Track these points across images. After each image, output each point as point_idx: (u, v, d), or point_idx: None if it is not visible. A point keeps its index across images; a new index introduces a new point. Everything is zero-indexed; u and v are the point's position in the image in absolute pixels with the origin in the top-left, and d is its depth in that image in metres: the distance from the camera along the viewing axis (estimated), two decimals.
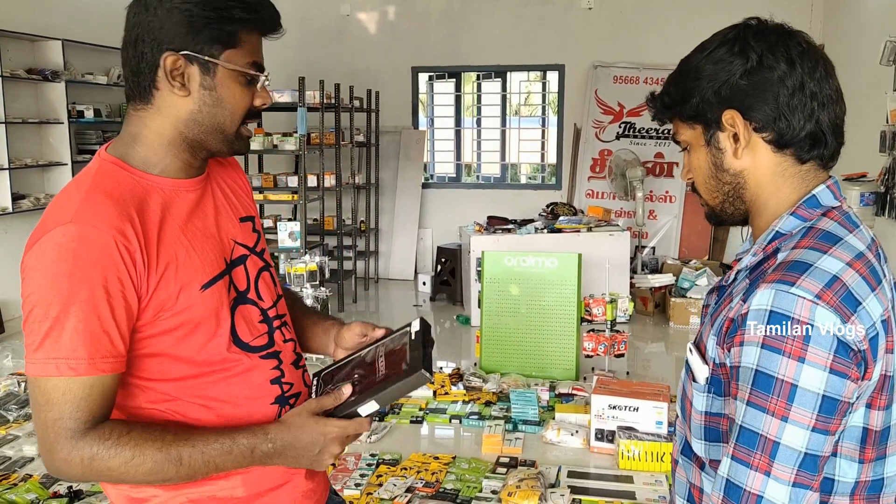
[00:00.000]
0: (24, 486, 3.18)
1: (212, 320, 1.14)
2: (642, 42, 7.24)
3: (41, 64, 5.85)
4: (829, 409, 0.93)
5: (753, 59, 1.02)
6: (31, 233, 1.08)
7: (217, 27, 1.09)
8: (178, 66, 1.10)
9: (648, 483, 3.21)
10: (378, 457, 3.51)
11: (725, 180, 1.09)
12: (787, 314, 0.93)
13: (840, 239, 1.00)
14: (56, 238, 1.03)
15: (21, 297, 1.08)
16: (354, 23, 7.78)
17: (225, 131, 1.15)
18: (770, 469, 0.94)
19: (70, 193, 1.08)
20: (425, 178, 7.93)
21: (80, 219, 1.04)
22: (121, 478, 1.08)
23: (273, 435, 1.13)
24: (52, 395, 1.04)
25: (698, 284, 6.03)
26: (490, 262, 4.82)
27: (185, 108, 1.12)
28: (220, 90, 1.12)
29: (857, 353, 0.94)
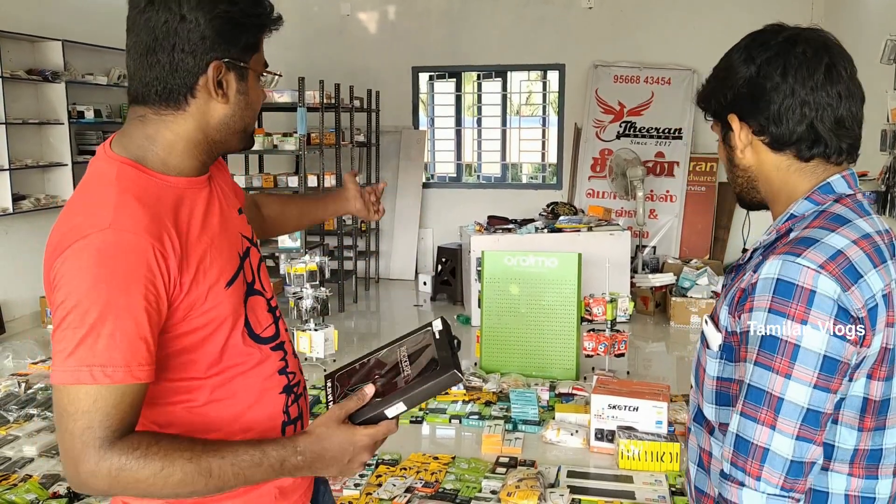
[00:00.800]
0: (24, 487, 3.18)
1: (232, 317, 1.15)
2: (642, 41, 7.24)
3: (41, 64, 5.85)
4: (830, 369, 1.01)
5: (752, 69, 1.12)
6: (58, 234, 1.05)
7: (251, 34, 1.11)
8: (221, 72, 1.10)
9: (648, 483, 3.21)
10: (377, 457, 3.51)
11: (738, 174, 1.21)
12: (792, 281, 1.02)
13: (849, 221, 1.08)
14: (95, 244, 1.01)
15: (51, 304, 1.05)
16: (354, 23, 7.78)
17: (247, 130, 1.18)
18: (775, 423, 1.02)
19: (99, 199, 1.06)
20: (426, 177, 7.93)
21: (118, 225, 1.03)
22: (148, 490, 1.04)
23: (302, 447, 1.11)
24: (82, 404, 1.01)
25: (699, 284, 6.02)
26: (490, 262, 4.82)
27: (221, 113, 1.13)
28: (251, 93, 1.15)
29: (856, 319, 1.02)
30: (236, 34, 1.09)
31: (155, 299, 1.04)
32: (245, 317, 1.18)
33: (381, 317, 6.77)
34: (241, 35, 1.10)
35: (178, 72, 1.08)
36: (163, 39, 1.07)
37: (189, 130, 1.13)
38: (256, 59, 1.15)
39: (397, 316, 6.80)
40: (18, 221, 5.73)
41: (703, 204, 7.24)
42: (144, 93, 1.11)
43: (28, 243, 5.90)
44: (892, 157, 4.97)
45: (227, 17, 1.08)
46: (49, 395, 4.22)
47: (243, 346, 1.18)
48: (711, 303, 5.87)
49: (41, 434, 3.78)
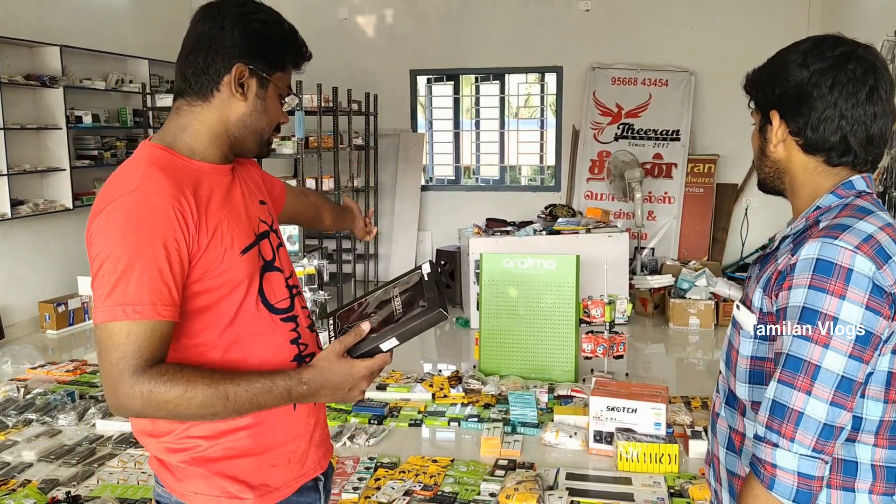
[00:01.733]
0: (23, 492, 3.18)
1: (246, 282, 1.32)
2: (640, 43, 7.25)
3: (39, 70, 5.86)
4: (864, 340, 1.11)
5: (805, 76, 1.21)
6: (96, 202, 1.26)
7: (278, 54, 1.34)
8: (243, 75, 1.31)
9: (647, 485, 3.21)
10: (376, 460, 3.51)
11: (767, 164, 1.31)
12: (831, 261, 1.12)
13: (873, 212, 1.20)
14: (123, 203, 1.21)
15: (90, 258, 1.23)
16: (352, 26, 7.79)
17: (262, 135, 1.38)
18: (811, 389, 1.11)
19: (129, 171, 1.27)
20: (424, 180, 7.94)
21: (143, 187, 1.22)
22: (175, 411, 1.20)
23: (307, 378, 1.27)
24: (118, 338, 1.18)
25: (697, 285, 6.03)
26: (488, 265, 4.82)
27: (240, 110, 1.33)
28: (268, 102, 1.35)
29: (888, 294, 1.12)
30: (262, 48, 1.31)
31: (176, 251, 1.22)
32: (260, 287, 1.35)
33: None
34: (266, 50, 1.32)
35: (209, 69, 1.31)
36: (203, 43, 1.31)
37: (212, 121, 1.33)
38: (279, 78, 1.35)
39: None
40: (17, 227, 5.74)
41: (701, 205, 7.25)
42: (183, 87, 1.33)
43: (27, 248, 5.90)
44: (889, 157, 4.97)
45: (257, 33, 1.31)
46: (47, 401, 4.22)
47: (256, 313, 1.33)
48: (710, 304, 5.87)
49: (40, 439, 3.78)
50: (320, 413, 1.48)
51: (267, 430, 1.35)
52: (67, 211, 6.02)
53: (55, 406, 4.16)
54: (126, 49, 6.76)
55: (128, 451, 3.62)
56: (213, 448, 1.32)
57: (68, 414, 4.02)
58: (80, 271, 6.28)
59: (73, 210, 6.05)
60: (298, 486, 1.41)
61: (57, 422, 3.99)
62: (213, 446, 1.32)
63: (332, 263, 6.53)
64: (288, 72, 1.37)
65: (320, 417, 1.48)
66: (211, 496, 1.33)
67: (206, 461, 1.32)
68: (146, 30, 7.21)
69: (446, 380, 4.49)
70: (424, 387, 4.39)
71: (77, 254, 6.34)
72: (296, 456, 1.40)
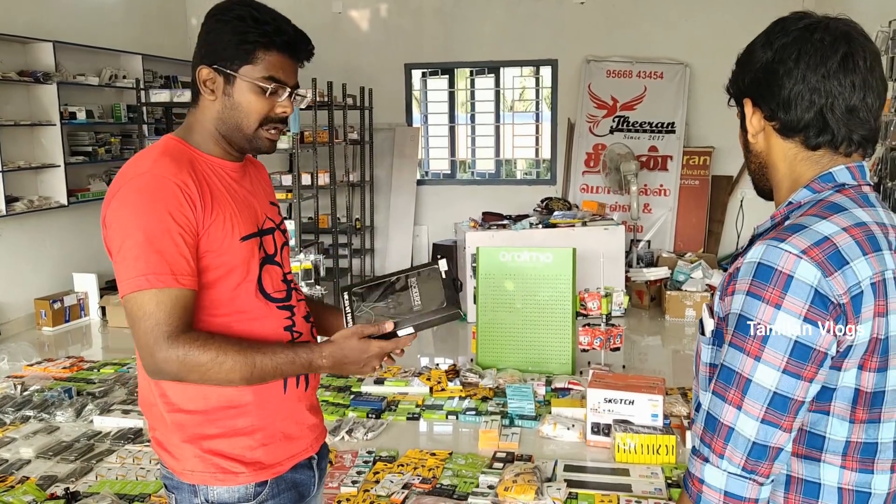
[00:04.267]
0: (22, 489, 3.18)
1: (243, 268, 1.39)
2: (635, 36, 7.24)
3: (33, 66, 5.83)
4: (802, 355, 1.01)
5: (769, 54, 1.12)
6: (110, 187, 1.35)
7: (236, 48, 1.36)
8: (210, 77, 1.38)
9: (644, 475, 3.22)
10: (375, 454, 3.52)
11: (752, 159, 1.21)
12: (771, 265, 1.02)
13: (845, 210, 1.07)
14: (136, 183, 1.30)
15: (109, 239, 1.32)
16: (347, 20, 7.77)
17: (243, 130, 1.40)
18: (742, 404, 1.04)
19: (142, 157, 1.36)
20: (420, 174, 7.93)
21: (154, 170, 1.31)
22: (207, 374, 1.29)
23: (327, 353, 1.37)
24: (148, 307, 1.27)
25: (693, 277, 6.04)
26: (485, 258, 4.82)
27: (215, 108, 1.40)
28: (237, 97, 1.38)
29: (836, 305, 1.01)
30: (220, 47, 1.37)
31: (186, 225, 1.30)
32: (259, 276, 1.42)
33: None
34: (225, 48, 1.36)
35: (193, 77, 1.42)
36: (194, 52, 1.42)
37: (203, 121, 1.42)
38: (249, 70, 1.37)
39: None
40: (11, 223, 5.72)
41: (696, 197, 7.26)
42: (191, 91, 1.45)
43: (22, 245, 5.88)
44: (884, 148, 4.98)
45: (215, 33, 1.37)
46: (44, 398, 4.22)
47: (254, 299, 1.41)
48: (706, 296, 5.88)
49: (38, 436, 3.77)
50: (311, 397, 1.54)
51: (258, 410, 1.41)
52: (62, 207, 6.00)
53: (52, 403, 4.16)
54: (120, 44, 6.73)
55: (126, 448, 3.62)
56: (208, 426, 1.39)
57: (66, 410, 4.02)
58: (76, 268, 6.27)
59: (67, 206, 6.03)
60: (292, 464, 1.47)
61: (54, 418, 3.98)
62: (207, 424, 1.39)
63: (328, 258, 6.53)
64: (263, 62, 1.36)
65: (312, 401, 1.55)
66: (206, 473, 1.40)
67: (200, 438, 1.39)
68: (140, 25, 7.18)
69: (444, 373, 4.50)
70: (422, 380, 4.40)
71: (72, 250, 6.33)
72: (287, 435, 1.46)
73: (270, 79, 1.37)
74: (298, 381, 1.48)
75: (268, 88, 1.37)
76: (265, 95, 1.38)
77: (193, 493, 1.41)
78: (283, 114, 1.41)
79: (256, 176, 1.54)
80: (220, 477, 1.40)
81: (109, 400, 4.21)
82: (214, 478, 1.40)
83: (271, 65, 1.37)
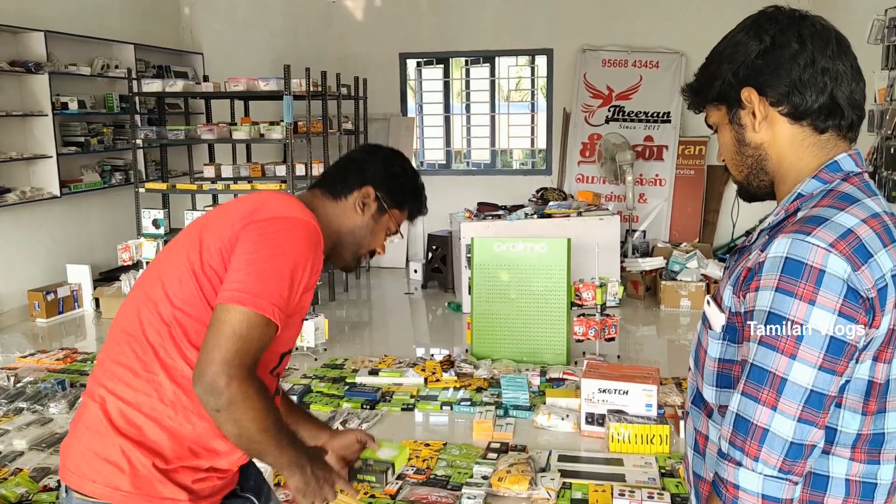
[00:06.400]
0: (14, 481, 3.17)
1: (284, 343, 1.48)
2: (630, 25, 7.21)
3: (24, 56, 5.79)
4: (837, 350, 0.99)
5: (767, 40, 1.10)
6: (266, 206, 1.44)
7: (403, 195, 1.64)
8: (370, 197, 1.59)
9: (638, 465, 3.22)
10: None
11: (748, 153, 1.16)
12: (801, 260, 1.00)
13: (858, 200, 1.06)
14: (304, 225, 1.41)
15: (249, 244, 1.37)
16: (341, 9, 7.72)
17: (358, 250, 1.63)
18: (777, 404, 1.01)
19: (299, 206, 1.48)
20: (415, 165, 7.90)
21: (316, 225, 1.45)
22: (245, 421, 1.30)
23: (312, 462, 1.46)
24: (256, 332, 1.30)
25: (689, 267, 6.04)
26: (480, 249, 4.81)
27: (353, 220, 1.59)
28: (378, 226, 1.61)
29: (865, 300, 1.00)
30: (393, 185, 1.62)
31: (307, 288, 1.40)
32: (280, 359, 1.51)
33: (371, 305, 6.76)
34: (395, 188, 1.62)
35: (348, 180, 1.60)
36: (353, 163, 1.64)
37: (332, 216, 1.58)
38: (395, 214, 1.63)
39: (388, 304, 6.80)
40: (4, 215, 5.68)
41: (692, 187, 7.25)
42: (324, 181, 1.64)
43: (14, 237, 5.85)
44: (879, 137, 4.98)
45: (395, 173, 1.64)
46: (38, 389, 4.20)
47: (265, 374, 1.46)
48: (701, 286, 5.89)
49: (31, 427, 3.76)
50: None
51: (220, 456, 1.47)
52: (55, 198, 5.97)
53: (46, 394, 4.14)
54: (111, 34, 6.68)
55: None
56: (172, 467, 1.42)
57: (59, 402, 4.01)
58: (69, 259, 6.24)
59: (60, 197, 6.00)
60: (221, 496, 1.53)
61: (48, 410, 3.97)
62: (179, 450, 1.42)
63: None
64: (404, 213, 1.65)
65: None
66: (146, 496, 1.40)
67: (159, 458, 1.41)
68: (131, 14, 7.13)
69: (438, 364, 4.49)
70: (417, 371, 4.40)
71: (65, 241, 6.30)
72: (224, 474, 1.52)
73: (397, 227, 1.66)
74: None
75: (392, 234, 1.66)
76: (385, 236, 1.65)
77: None
78: (381, 252, 1.67)
79: None
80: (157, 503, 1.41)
81: None
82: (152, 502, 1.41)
83: (402, 219, 1.67)
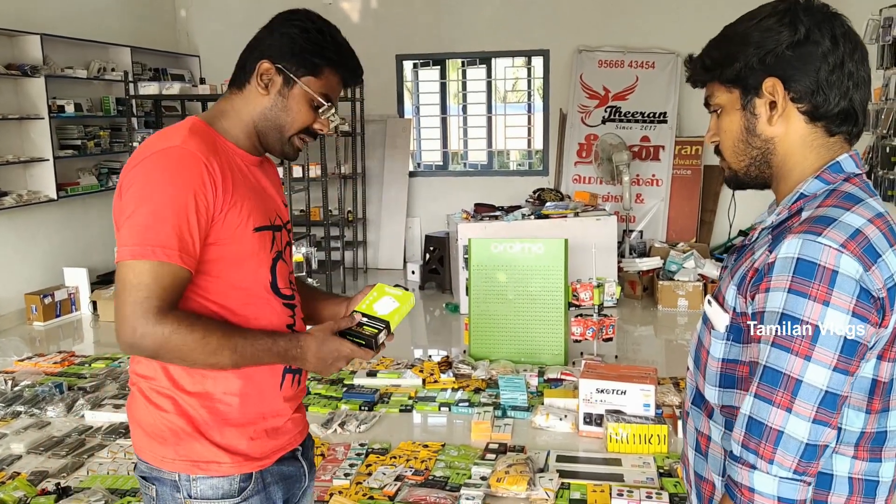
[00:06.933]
0: (12, 484, 3.16)
1: (254, 259, 1.39)
2: (626, 25, 7.22)
3: (20, 59, 5.78)
4: (850, 351, 0.99)
5: (801, 32, 1.06)
6: (135, 155, 1.33)
7: (308, 57, 1.39)
8: (269, 72, 1.39)
9: (636, 465, 3.23)
10: (367, 446, 3.51)
11: (755, 145, 1.13)
12: (813, 261, 0.99)
13: (861, 200, 1.06)
14: (164, 156, 1.29)
15: (123, 202, 1.29)
16: (337, 11, 7.71)
17: (282, 133, 1.43)
18: (792, 406, 1.00)
19: (172, 131, 1.35)
20: (412, 166, 7.91)
21: (184, 146, 1.30)
22: (187, 354, 1.27)
23: (303, 343, 1.38)
24: (144, 278, 1.24)
25: (686, 267, 6.05)
26: (477, 250, 4.82)
27: (261, 103, 1.41)
28: (290, 101, 1.41)
29: (876, 299, 1.00)
30: (294, 50, 1.39)
31: (205, 207, 1.29)
32: (273, 270, 1.42)
33: None
34: (298, 53, 1.38)
35: (246, 64, 1.42)
36: (254, 42, 1.43)
37: (242, 110, 1.42)
38: (311, 82, 1.40)
39: None
40: (1, 218, 5.67)
41: (688, 187, 7.26)
42: (232, 78, 1.45)
43: (11, 240, 5.85)
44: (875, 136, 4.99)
45: (293, 37, 1.39)
46: (35, 393, 4.20)
47: (264, 293, 1.41)
48: (698, 286, 5.90)
49: (28, 431, 3.76)
50: (300, 398, 1.54)
51: (252, 402, 1.40)
52: (52, 202, 5.96)
53: (43, 398, 4.14)
54: (108, 37, 6.68)
55: (117, 442, 3.61)
56: (200, 410, 1.36)
57: (57, 405, 4.00)
58: (67, 262, 6.23)
59: (57, 201, 5.99)
60: (276, 457, 1.45)
61: (45, 413, 3.97)
62: (201, 408, 1.36)
63: (320, 251, 6.52)
64: (324, 78, 1.41)
65: (299, 402, 1.54)
66: (188, 461, 1.36)
67: (189, 422, 1.36)
68: (128, 17, 7.12)
69: (436, 365, 4.50)
70: (415, 372, 4.40)
71: (62, 245, 6.29)
72: (272, 432, 1.44)
73: (325, 96, 1.42)
74: (293, 380, 1.47)
75: (322, 105, 1.42)
76: (314, 109, 1.43)
77: (175, 487, 1.37)
78: (319, 129, 1.46)
79: (271, 174, 1.54)
80: (203, 467, 1.36)
81: (101, 395, 4.19)
82: (197, 467, 1.36)
83: (330, 84, 1.43)
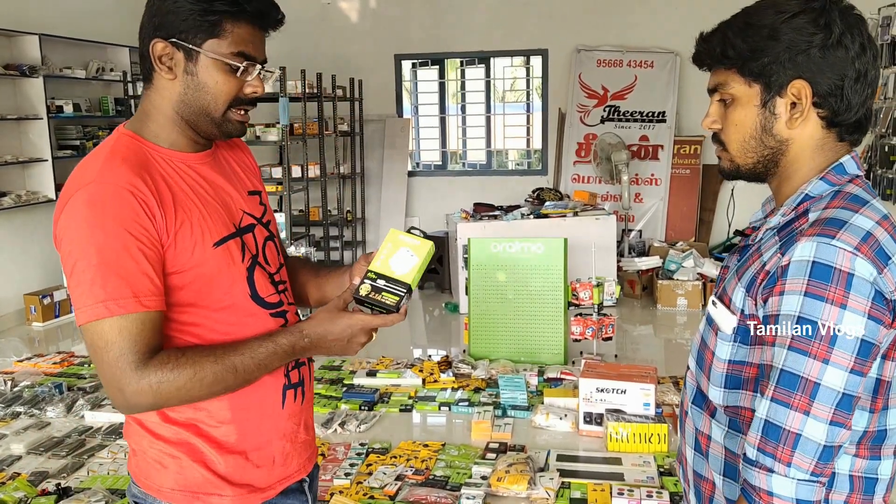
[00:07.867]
0: (13, 485, 3.16)
1: (225, 276, 1.24)
2: (625, 25, 7.22)
3: (18, 59, 5.77)
4: (865, 352, 1.00)
5: (836, 35, 1.04)
6: (59, 198, 1.19)
7: (200, 18, 1.17)
8: (166, 52, 1.20)
9: (637, 464, 3.23)
10: (367, 446, 3.51)
11: (769, 144, 1.12)
12: (829, 264, 0.99)
13: (867, 202, 1.06)
14: (83, 197, 1.14)
15: (61, 257, 1.17)
16: (335, 11, 7.72)
17: (210, 114, 1.23)
18: (810, 409, 1.00)
19: (90, 162, 1.19)
20: (411, 166, 7.91)
21: (101, 178, 1.15)
22: (188, 395, 1.17)
23: (307, 331, 1.23)
24: (109, 336, 1.13)
25: (685, 266, 6.05)
26: (476, 249, 4.82)
27: (175, 90, 1.22)
28: (202, 76, 1.20)
29: (889, 301, 1.01)
30: (180, 18, 1.18)
31: (146, 238, 1.15)
32: (252, 280, 1.28)
33: None
34: (187, 18, 1.18)
35: (143, 52, 1.23)
36: (141, 26, 1.24)
37: (161, 104, 1.24)
38: (214, 45, 1.19)
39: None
40: (0, 219, 5.67)
41: (687, 187, 7.27)
42: (141, 71, 1.26)
43: (10, 241, 5.84)
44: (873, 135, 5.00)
45: (173, 3, 1.18)
46: (35, 393, 4.19)
47: (246, 307, 1.27)
48: (698, 285, 5.90)
49: (28, 431, 3.75)
50: (307, 414, 1.42)
51: (253, 427, 1.29)
52: (50, 202, 5.95)
53: (43, 398, 4.13)
54: (106, 37, 6.66)
55: (117, 442, 3.60)
56: (198, 439, 1.27)
57: (56, 406, 4.00)
58: None
59: (55, 201, 5.97)
60: (283, 487, 1.36)
61: (45, 414, 3.96)
62: (198, 437, 1.27)
63: (319, 251, 6.52)
64: (231, 36, 1.19)
65: (307, 420, 1.43)
66: (188, 492, 1.26)
67: (188, 450, 1.26)
68: (126, 17, 7.09)
69: (436, 365, 4.50)
70: (414, 372, 4.40)
71: None
72: (280, 457, 1.34)
73: (240, 55, 1.20)
74: (296, 395, 1.36)
75: (238, 67, 1.20)
76: (234, 74, 1.21)
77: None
78: (253, 94, 1.25)
79: (231, 161, 1.37)
80: (204, 499, 1.26)
81: (100, 395, 4.19)
82: (197, 499, 1.26)
83: (240, 38, 1.19)
